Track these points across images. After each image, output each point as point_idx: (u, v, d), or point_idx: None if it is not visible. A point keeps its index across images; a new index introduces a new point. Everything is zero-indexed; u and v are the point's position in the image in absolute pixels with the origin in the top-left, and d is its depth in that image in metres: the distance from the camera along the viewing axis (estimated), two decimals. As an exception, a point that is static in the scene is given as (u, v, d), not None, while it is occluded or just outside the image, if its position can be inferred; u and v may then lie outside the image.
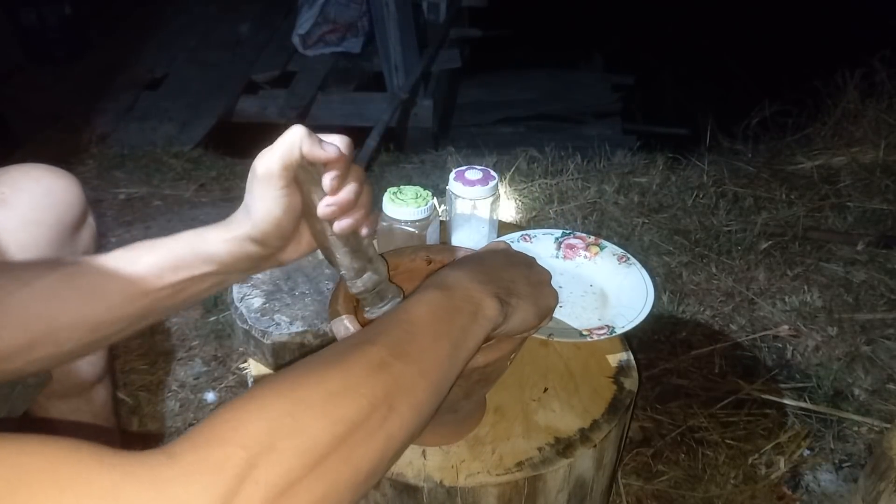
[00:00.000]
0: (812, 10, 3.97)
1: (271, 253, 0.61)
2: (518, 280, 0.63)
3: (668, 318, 1.54)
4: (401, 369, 0.47)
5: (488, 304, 0.57)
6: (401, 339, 0.50)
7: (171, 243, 0.59)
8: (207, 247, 0.59)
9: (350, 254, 0.62)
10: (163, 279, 0.58)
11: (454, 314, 0.55)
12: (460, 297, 0.57)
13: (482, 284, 0.59)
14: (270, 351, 0.84)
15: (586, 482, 0.80)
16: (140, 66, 3.43)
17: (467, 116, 3.76)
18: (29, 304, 0.56)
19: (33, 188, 0.78)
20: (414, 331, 0.51)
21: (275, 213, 0.57)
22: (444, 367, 0.52)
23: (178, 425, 1.31)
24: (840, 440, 1.26)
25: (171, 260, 0.59)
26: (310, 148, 0.55)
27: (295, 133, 0.56)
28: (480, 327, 0.56)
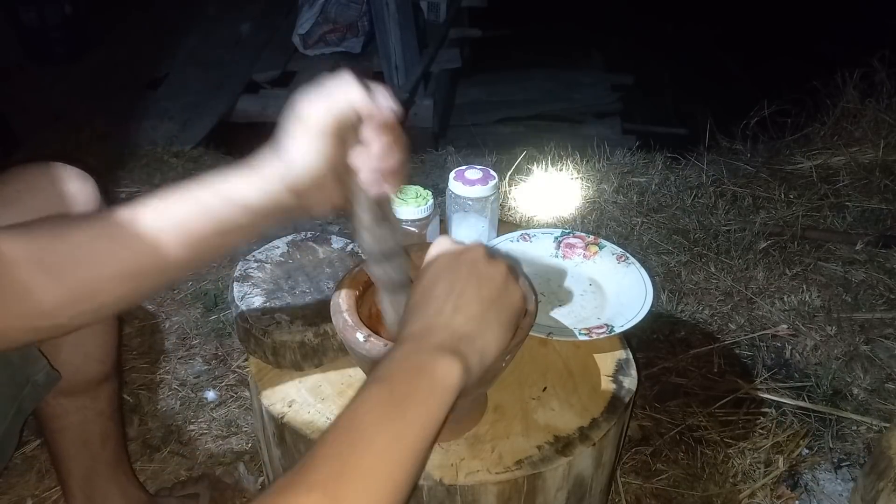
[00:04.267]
0: (812, 11, 3.97)
1: (301, 203, 0.58)
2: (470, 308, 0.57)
3: (667, 317, 1.55)
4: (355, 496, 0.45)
5: (444, 370, 0.53)
6: (340, 472, 0.46)
7: (197, 191, 0.57)
8: (239, 195, 0.56)
9: (375, 216, 0.61)
10: (192, 228, 0.56)
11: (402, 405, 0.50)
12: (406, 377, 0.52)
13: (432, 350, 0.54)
14: (271, 350, 0.84)
15: (585, 481, 0.81)
16: (141, 66, 3.43)
17: (467, 116, 3.76)
18: (68, 258, 0.55)
19: (48, 188, 0.78)
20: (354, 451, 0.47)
21: (319, 167, 0.55)
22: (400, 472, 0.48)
23: (179, 423, 1.31)
24: (839, 439, 1.27)
25: (201, 210, 0.56)
26: (367, 108, 0.53)
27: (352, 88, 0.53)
28: (440, 396, 0.52)
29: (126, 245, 0.56)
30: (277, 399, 0.83)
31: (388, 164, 0.57)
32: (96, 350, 0.92)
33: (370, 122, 0.55)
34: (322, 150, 0.55)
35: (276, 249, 0.97)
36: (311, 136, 0.54)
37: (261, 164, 0.57)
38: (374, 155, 0.56)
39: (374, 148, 0.55)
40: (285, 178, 0.56)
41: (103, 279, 0.57)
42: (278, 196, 0.56)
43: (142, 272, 0.58)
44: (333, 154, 0.55)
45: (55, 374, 0.81)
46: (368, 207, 0.60)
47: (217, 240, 0.58)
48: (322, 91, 0.55)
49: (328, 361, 0.86)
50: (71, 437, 0.96)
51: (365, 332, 0.67)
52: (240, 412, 1.33)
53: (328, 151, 0.55)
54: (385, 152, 0.56)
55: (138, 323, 1.54)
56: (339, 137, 0.55)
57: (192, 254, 0.58)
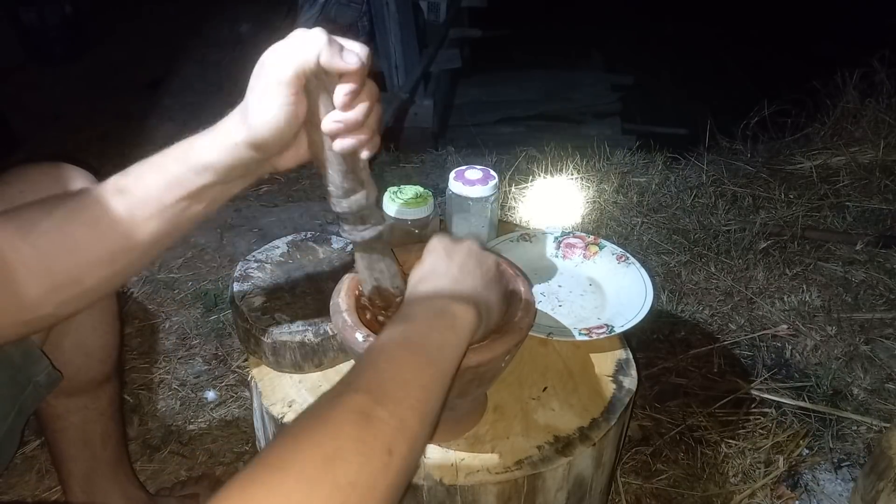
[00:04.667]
0: (812, 11, 3.97)
1: (267, 159, 0.58)
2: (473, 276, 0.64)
3: (667, 317, 1.55)
4: (388, 413, 0.47)
5: (462, 311, 0.58)
6: (381, 382, 0.50)
7: (162, 161, 0.57)
8: (199, 157, 0.56)
9: (343, 173, 0.58)
10: (161, 200, 0.56)
11: (428, 337, 0.55)
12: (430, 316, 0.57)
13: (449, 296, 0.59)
14: (271, 350, 0.84)
15: (585, 481, 0.81)
16: (141, 66, 3.43)
17: (467, 116, 3.76)
18: (41, 246, 0.55)
19: (52, 187, 0.77)
20: (391, 368, 0.51)
21: (278, 121, 0.53)
22: (430, 392, 0.51)
23: (179, 423, 1.31)
24: (839, 439, 1.27)
25: (165, 179, 0.56)
26: (329, 58, 0.51)
27: (315, 38, 0.51)
28: (459, 334, 0.57)
29: (101, 227, 0.56)
30: (277, 399, 0.83)
31: (354, 117, 0.54)
32: (98, 350, 0.92)
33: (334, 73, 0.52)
34: (282, 103, 0.52)
35: (276, 250, 0.97)
36: (270, 91, 0.52)
37: (222, 124, 0.56)
38: (338, 104, 0.54)
39: (339, 97, 0.53)
40: (246, 134, 0.54)
41: (84, 264, 0.57)
42: (241, 153, 0.55)
43: (121, 252, 0.58)
44: (295, 108, 0.53)
45: (57, 374, 0.81)
46: (336, 163, 0.58)
47: (190, 207, 0.58)
48: (285, 43, 0.53)
49: (328, 362, 0.86)
50: (72, 436, 0.96)
51: (364, 331, 0.67)
52: (240, 412, 1.33)
53: (288, 105, 0.53)
54: (350, 101, 0.53)
55: (138, 323, 1.54)
56: (300, 90, 0.53)
57: (168, 226, 0.58)
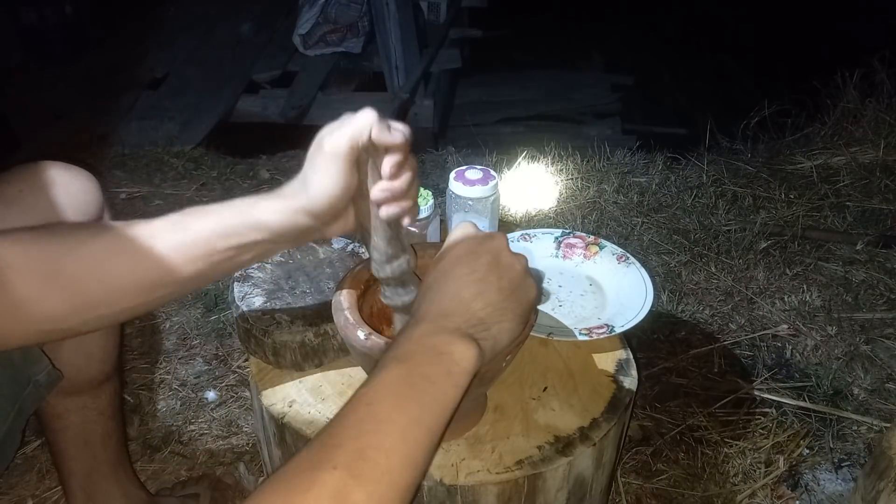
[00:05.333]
0: (812, 10, 3.97)
1: (318, 226, 0.61)
2: (489, 294, 0.59)
3: (668, 317, 1.55)
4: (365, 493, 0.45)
5: (461, 353, 0.54)
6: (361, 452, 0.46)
7: (223, 211, 0.60)
8: (259, 216, 0.59)
9: (388, 239, 0.63)
10: (212, 245, 0.59)
11: (420, 388, 0.51)
12: (425, 359, 0.53)
13: (448, 332, 0.55)
14: (271, 350, 0.84)
15: (586, 481, 0.81)
16: (141, 66, 3.43)
17: (467, 116, 3.76)
18: (81, 266, 0.57)
19: (50, 187, 0.78)
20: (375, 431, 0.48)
21: (334, 190, 0.58)
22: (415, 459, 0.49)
23: (179, 423, 1.31)
24: (839, 439, 1.27)
25: (222, 227, 0.59)
26: (378, 133, 0.56)
27: (367, 116, 0.56)
28: (456, 380, 0.53)
29: (140, 260, 0.58)
30: (278, 399, 0.83)
31: (398, 184, 0.59)
32: (98, 350, 0.92)
33: (382, 147, 0.57)
34: (338, 175, 0.57)
35: (277, 249, 0.96)
36: (327, 164, 0.57)
37: (284, 190, 0.60)
38: (385, 175, 0.58)
39: (386, 171, 0.58)
40: (304, 202, 0.59)
41: (115, 289, 0.58)
42: (296, 218, 0.59)
43: (154, 285, 0.59)
44: (349, 179, 0.58)
45: (57, 373, 0.81)
46: (381, 230, 0.62)
47: (236, 257, 0.60)
48: (341, 122, 0.58)
49: (329, 361, 0.86)
50: (72, 436, 0.96)
51: (366, 330, 0.67)
52: (240, 412, 1.33)
53: (344, 176, 0.58)
54: (396, 172, 0.58)
55: (139, 323, 1.54)
56: (354, 163, 0.58)
57: (210, 270, 0.60)
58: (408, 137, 0.58)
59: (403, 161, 0.58)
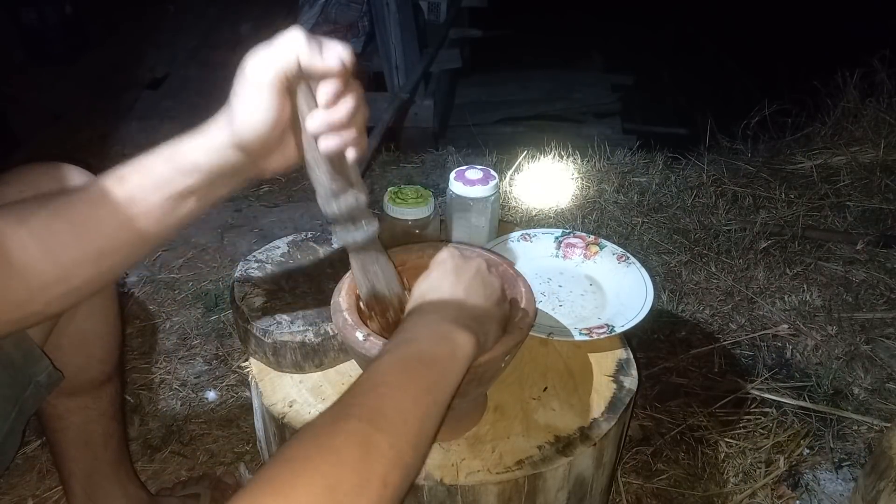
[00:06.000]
0: (812, 10, 3.97)
1: (253, 161, 0.58)
2: (477, 300, 0.64)
3: (668, 317, 1.55)
4: (388, 444, 0.48)
5: (464, 340, 0.58)
6: (380, 409, 0.50)
7: (149, 162, 0.57)
8: (185, 158, 0.56)
9: (330, 174, 0.58)
10: (149, 200, 0.56)
11: (429, 364, 0.55)
12: (432, 341, 0.57)
13: (450, 321, 0.59)
14: (271, 350, 0.84)
15: (586, 481, 0.81)
16: (141, 66, 3.43)
17: (467, 116, 3.77)
18: (28, 244, 0.55)
19: (52, 188, 0.77)
20: (391, 394, 0.51)
21: (262, 122, 0.54)
22: (427, 422, 0.52)
23: (180, 423, 1.31)
24: (839, 439, 1.27)
25: (154, 178, 0.56)
26: (309, 58, 0.52)
27: (294, 39, 0.52)
28: (459, 364, 0.57)
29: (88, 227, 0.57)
30: (278, 399, 0.83)
31: (337, 116, 0.54)
32: (99, 350, 0.92)
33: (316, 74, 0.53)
34: (266, 105, 0.53)
35: (277, 250, 0.97)
36: (254, 92, 0.53)
37: (208, 126, 0.56)
38: (321, 104, 0.54)
39: (321, 96, 0.54)
40: (231, 136, 0.55)
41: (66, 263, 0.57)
42: (226, 155, 0.56)
43: (108, 252, 0.58)
44: (278, 109, 0.54)
45: (58, 374, 0.81)
46: (324, 165, 0.58)
47: (177, 207, 0.58)
48: (267, 46, 0.53)
49: (329, 361, 0.86)
50: (73, 437, 0.96)
51: (364, 331, 0.67)
52: (240, 412, 1.33)
53: (271, 106, 0.53)
54: (332, 100, 0.54)
55: (139, 323, 1.54)
56: (284, 92, 0.53)
57: (155, 226, 0.58)
58: (346, 60, 0.53)
59: (341, 88, 0.54)
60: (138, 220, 0.57)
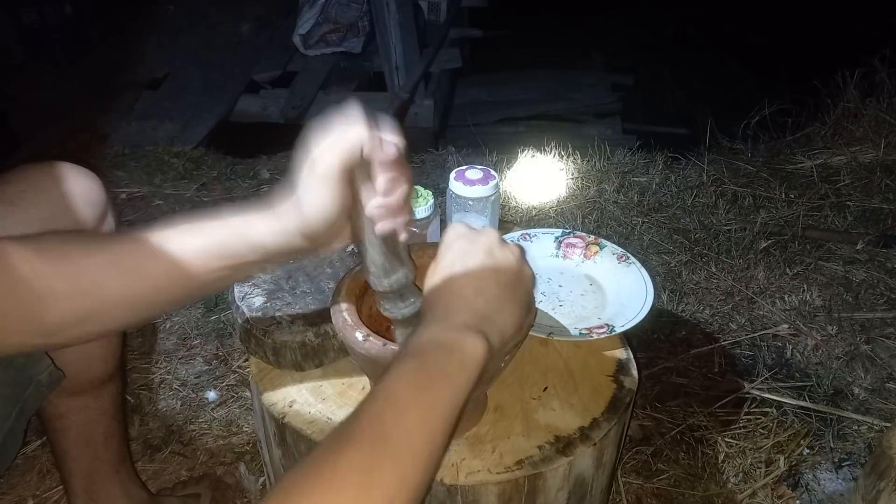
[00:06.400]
0: (812, 10, 3.97)
1: (317, 247, 0.61)
2: (489, 289, 0.61)
3: (668, 316, 1.55)
4: (390, 471, 0.47)
5: (472, 346, 0.56)
6: (383, 434, 0.49)
7: (218, 228, 0.58)
8: (255, 237, 0.58)
9: (385, 254, 0.61)
10: (208, 264, 0.58)
11: (435, 378, 0.54)
12: (439, 353, 0.55)
13: (458, 328, 0.57)
14: (271, 350, 0.84)
15: (586, 480, 0.81)
16: (141, 66, 3.43)
17: (468, 116, 3.76)
18: (77, 282, 0.56)
19: (53, 187, 0.78)
20: (395, 416, 0.50)
21: (330, 212, 0.56)
22: (435, 439, 0.51)
23: (180, 423, 1.31)
24: (840, 439, 1.27)
25: (218, 246, 0.58)
26: (371, 150, 0.54)
27: (358, 132, 0.54)
28: (468, 372, 0.55)
29: (134, 274, 0.57)
30: (278, 399, 0.83)
31: (394, 200, 0.57)
32: (100, 350, 0.92)
33: (376, 160, 0.56)
34: (333, 197, 0.56)
35: (277, 249, 0.97)
36: (322, 184, 0.55)
37: (277, 207, 0.58)
38: (380, 192, 0.57)
39: (381, 185, 0.57)
40: (300, 224, 0.57)
41: (108, 305, 0.58)
42: (292, 240, 0.58)
43: (148, 302, 0.59)
44: (344, 198, 0.57)
45: (59, 373, 0.81)
46: (378, 245, 0.61)
47: (228, 274, 0.60)
48: (330, 131, 0.55)
49: (329, 361, 0.86)
50: (74, 436, 0.96)
51: (364, 331, 0.67)
52: (240, 412, 1.33)
53: (339, 196, 0.56)
54: (391, 189, 0.57)
55: (139, 323, 1.55)
56: (348, 181, 0.56)
57: (200, 285, 0.60)
58: (402, 150, 0.56)
59: (398, 175, 0.57)
60: (189, 279, 0.58)
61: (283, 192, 0.58)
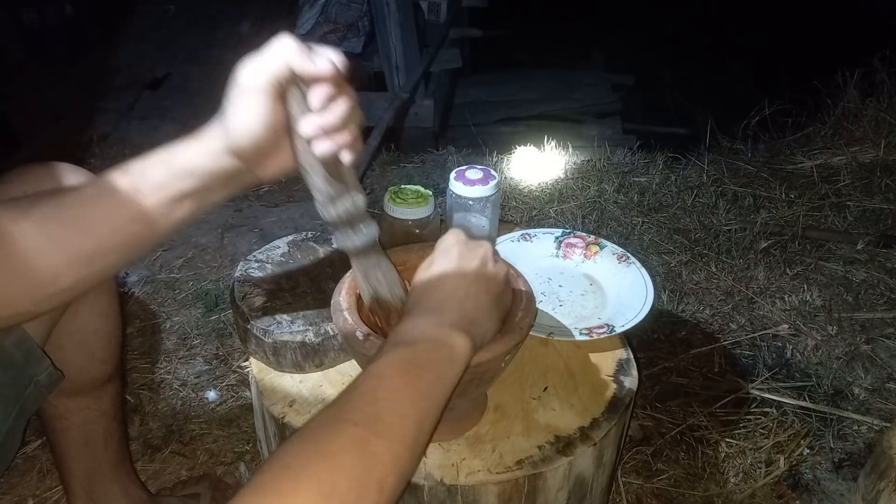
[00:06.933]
0: (812, 10, 3.97)
1: (249, 167, 0.58)
2: (479, 297, 0.63)
3: (668, 316, 1.55)
4: (384, 448, 0.48)
5: (459, 344, 0.58)
6: (377, 414, 0.50)
7: (145, 165, 0.57)
8: (181, 162, 0.57)
9: (327, 178, 0.58)
10: (144, 202, 0.57)
11: (427, 368, 0.55)
12: (430, 346, 0.57)
13: (448, 325, 0.59)
14: (271, 349, 0.84)
15: (586, 480, 0.81)
16: (141, 66, 3.43)
17: (468, 116, 3.77)
18: (21, 243, 0.55)
19: (54, 187, 0.78)
20: (388, 398, 0.51)
21: (256, 127, 0.54)
22: (423, 425, 0.52)
23: (180, 423, 1.31)
24: (840, 439, 1.27)
25: (149, 181, 0.57)
26: (301, 63, 0.52)
27: (285, 45, 0.53)
28: (456, 368, 0.57)
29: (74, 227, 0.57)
30: (278, 399, 0.83)
31: (331, 120, 0.55)
32: (100, 350, 0.92)
33: (308, 79, 0.54)
34: (259, 111, 0.54)
35: (277, 249, 0.97)
36: (247, 98, 0.54)
37: (203, 132, 0.57)
38: (314, 108, 0.55)
39: (314, 101, 0.54)
40: (226, 141, 0.56)
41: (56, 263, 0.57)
42: (221, 160, 0.57)
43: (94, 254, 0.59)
44: (271, 114, 0.54)
45: (58, 374, 0.81)
46: (319, 169, 0.58)
47: (170, 212, 0.58)
48: (259, 54, 0.54)
49: (329, 361, 0.86)
50: (73, 436, 0.96)
51: (365, 330, 0.67)
52: (240, 412, 1.33)
53: (266, 112, 0.54)
54: (326, 105, 0.54)
55: (139, 323, 1.55)
56: (276, 97, 0.54)
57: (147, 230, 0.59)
58: (338, 64, 0.53)
59: (333, 92, 0.54)
60: (132, 222, 0.57)
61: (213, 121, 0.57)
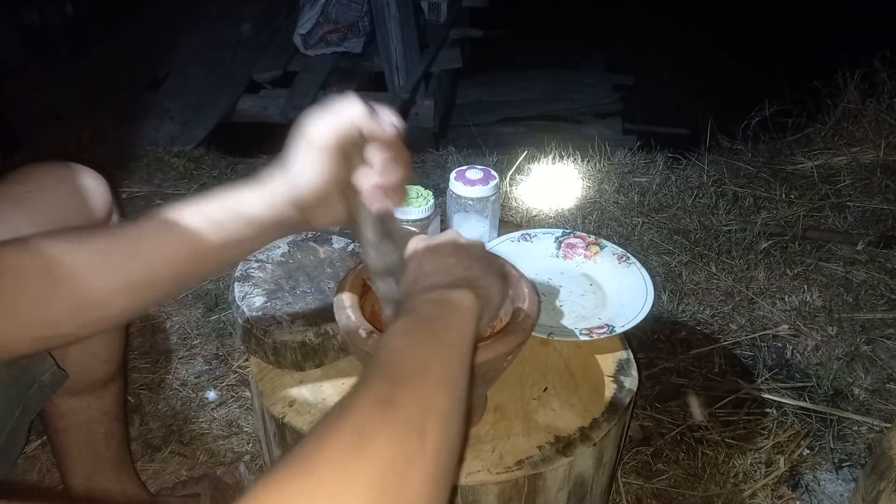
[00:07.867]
0: (812, 10, 3.97)
1: (305, 217, 0.61)
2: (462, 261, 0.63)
3: (668, 317, 1.55)
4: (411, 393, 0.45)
5: (459, 296, 0.57)
6: (397, 366, 0.48)
7: (208, 206, 0.58)
8: (244, 209, 0.58)
9: (378, 232, 0.62)
10: (200, 241, 0.58)
11: (432, 324, 0.54)
12: (429, 305, 0.56)
13: (441, 287, 0.59)
14: (272, 349, 0.84)
15: (586, 481, 0.81)
16: (141, 66, 3.43)
17: (468, 116, 3.77)
18: (77, 268, 0.56)
19: (58, 187, 0.78)
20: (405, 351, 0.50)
21: (321, 182, 0.57)
22: (449, 368, 0.50)
23: (180, 423, 1.31)
24: (840, 440, 1.27)
25: (209, 223, 0.58)
26: (368, 126, 0.55)
27: (355, 108, 0.56)
28: (464, 318, 0.56)
29: (131, 258, 0.57)
30: (278, 399, 0.83)
31: (389, 181, 0.58)
32: (103, 350, 0.92)
33: (372, 140, 0.57)
34: (325, 167, 0.57)
35: (277, 249, 0.97)
36: (314, 154, 0.56)
37: (267, 181, 0.59)
38: (376, 171, 0.58)
39: (376, 165, 0.57)
40: (290, 194, 0.58)
41: (108, 290, 0.57)
42: (283, 211, 0.59)
43: (145, 285, 0.59)
44: (336, 171, 0.57)
45: (62, 373, 0.81)
46: (371, 223, 0.62)
47: (224, 252, 0.60)
48: (327, 111, 0.57)
49: (329, 361, 0.86)
50: (75, 436, 0.96)
51: (367, 328, 0.67)
52: (241, 412, 1.33)
53: (331, 168, 0.57)
54: (386, 169, 0.58)
55: (139, 323, 1.54)
56: (342, 155, 0.57)
57: (198, 266, 0.60)
58: (399, 128, 0.57)
59: (396, 156, 0.58)
60: (187, 259, 0.58)
61: (275, 168, 0.59)
